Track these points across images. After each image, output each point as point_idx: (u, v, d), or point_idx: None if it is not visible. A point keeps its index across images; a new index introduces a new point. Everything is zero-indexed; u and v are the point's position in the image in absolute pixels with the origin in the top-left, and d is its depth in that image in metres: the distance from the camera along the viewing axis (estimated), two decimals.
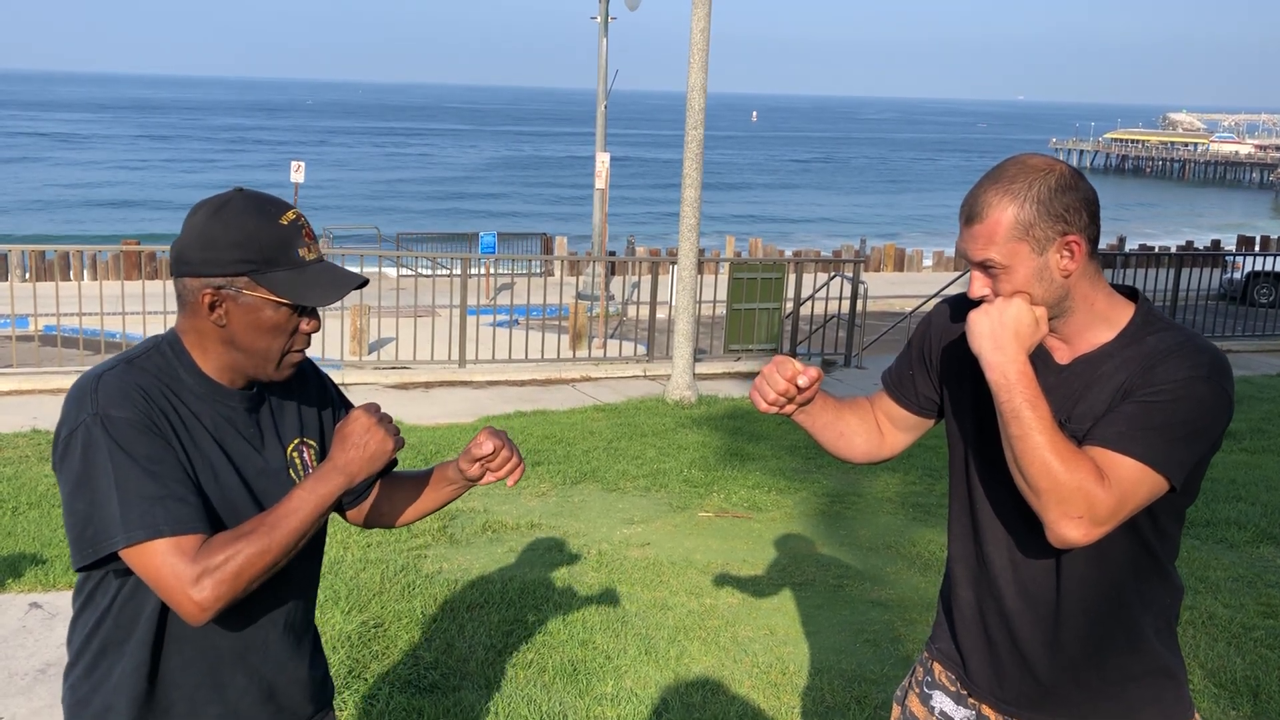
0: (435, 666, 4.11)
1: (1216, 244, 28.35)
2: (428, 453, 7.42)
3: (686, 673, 4.20)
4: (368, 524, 2.16)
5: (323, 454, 1.98)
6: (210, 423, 1.80)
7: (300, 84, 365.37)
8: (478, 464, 1.98)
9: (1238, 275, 17.37)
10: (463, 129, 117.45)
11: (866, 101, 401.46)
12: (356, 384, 10.24)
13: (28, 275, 17.41)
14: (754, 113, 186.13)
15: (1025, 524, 1.84)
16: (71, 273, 17.88)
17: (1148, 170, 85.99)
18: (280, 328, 1.78)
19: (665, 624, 4.61)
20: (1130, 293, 1.91)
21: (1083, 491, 1.69)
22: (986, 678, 1.98)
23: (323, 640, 2.14)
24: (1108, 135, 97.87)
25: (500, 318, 13.53)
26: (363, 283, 1.85)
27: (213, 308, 1.76)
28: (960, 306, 2.00)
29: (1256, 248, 26.20)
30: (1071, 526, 1.70)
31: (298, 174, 21.33)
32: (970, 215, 1.80)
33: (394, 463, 2.05)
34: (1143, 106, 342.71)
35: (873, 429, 2.16)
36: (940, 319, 2.07)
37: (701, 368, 10.94)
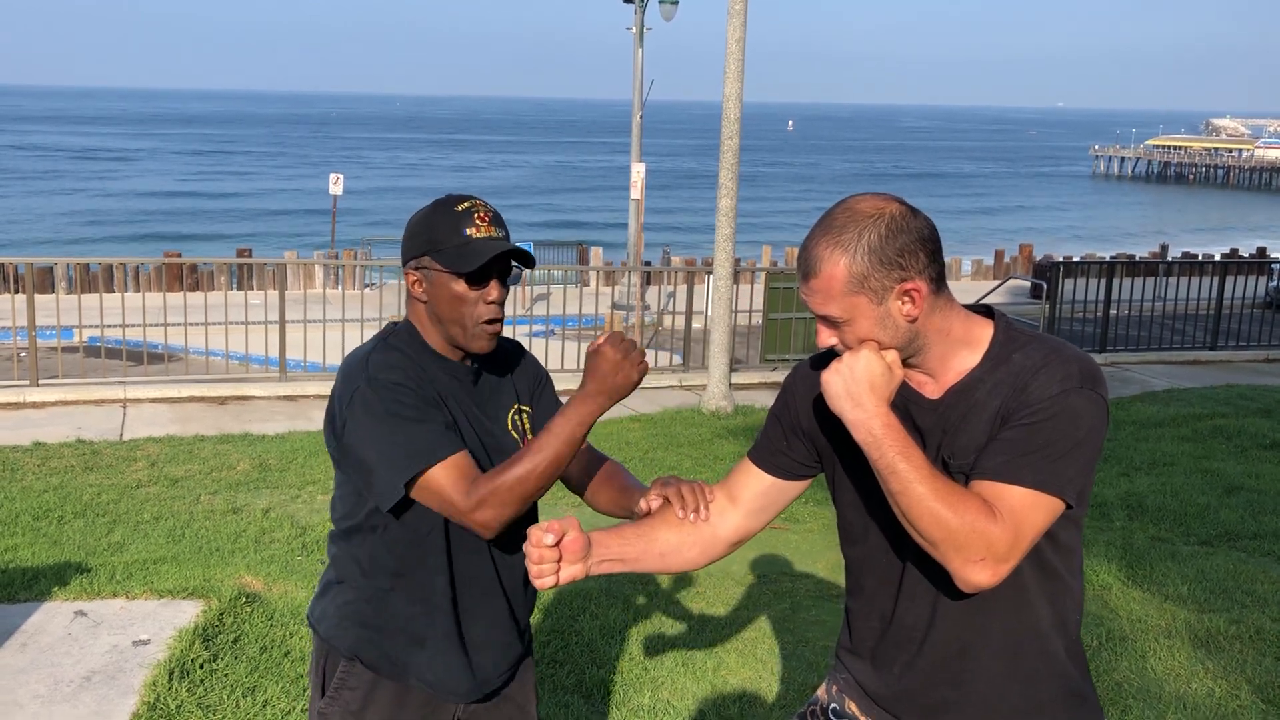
0: None
1: (1262, 251, 27.91)
2: None
3: (724, 685, 4.18)
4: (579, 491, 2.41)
5: (535, 422, 2.28)
6: (446, 389, 2.12)
7: (337, 97, 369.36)
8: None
9: None
10: (499, 140, 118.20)
11: (904, 109, 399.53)
12: None
13: (73, 287, 17.71)
14: (790, 122, 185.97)
15: (951, 584, 1.76)
16: (115, 284, 18.16)
17: (1191, 177, 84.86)
18: (460, 297, 2.06)
19: (702, 636, 4.60)
20: (987, 311, 1.86)
21: (977, 532, 1.64)
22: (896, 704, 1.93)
23: None
24: (1150, 142, 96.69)
25: (536, 328, 13.57)
26: (512, 251, 2.06)
27: (416, 286, 2.10)
28: (821, 364, 1.94)
29: None
30: (975, 570, 1.65)
31: (336, 186, 21.55)
32: (805, 271, 1.76)
33: None
34: (1185, 112, 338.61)
35: (700, 530, 2.00)
36: (802, 384, 1.98)
37: (738, 378, 10.92)
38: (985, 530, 1.64)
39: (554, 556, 1.79)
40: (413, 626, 2.14)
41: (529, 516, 2.16)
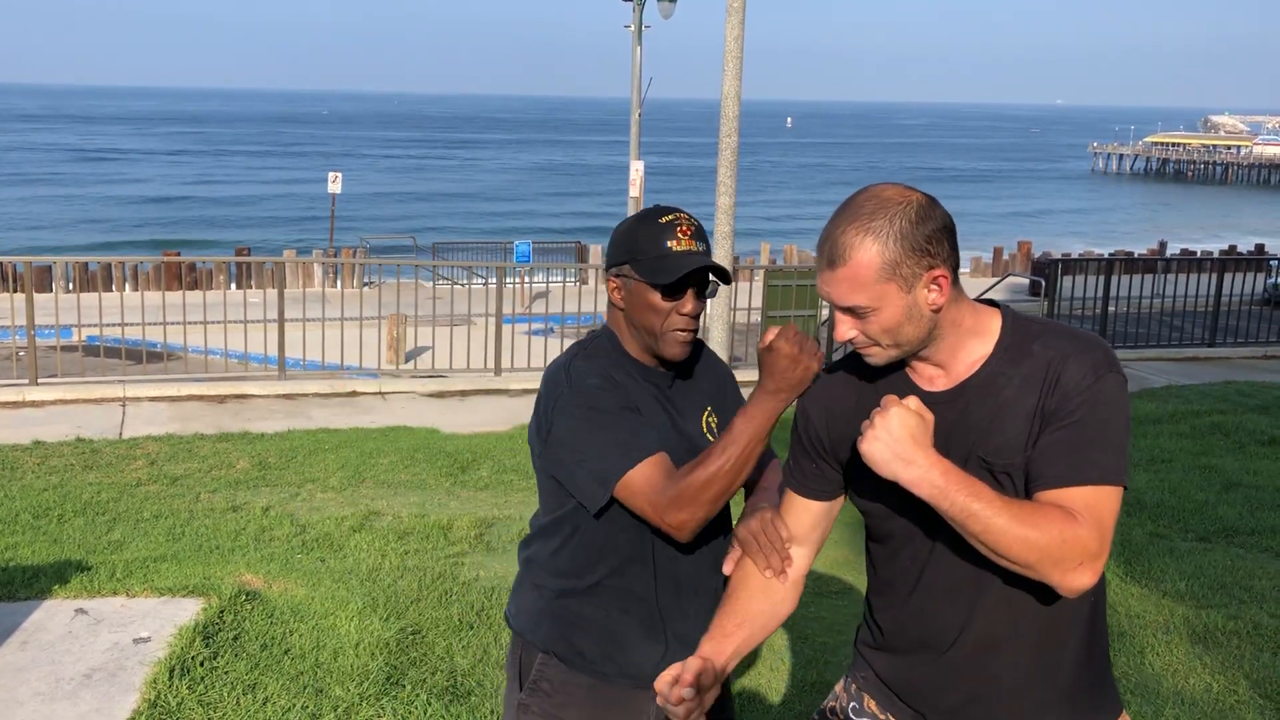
0: (471, 673, 4.13)
1: (1260, 248, 27.95)
2: (464, 460, 7.46)
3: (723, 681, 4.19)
4: None
5: (721, 423, 2.28)
6: (643, 394, 2.18)
7: (335, 95, 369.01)
8: None
9: None
10: (497, 139, 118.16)
11: (903, 107, 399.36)
12: (393, 392, 10.32)
13: (71, 286, 17.70)
14: (789, 119, 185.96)
15: (984, 581, 1.78)
16: (114, 284, 18.16)
17: (1189, 174, 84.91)
18: (655, 306, 2.12)
19: None
20: (990, 304, 1.86)
21: (1068, 542, 1.64)
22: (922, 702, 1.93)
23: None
24: (1148, 139, 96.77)
25: (535, 326, 13.58)
26: (707, 267, 2.10)
27: (615, 293, 2.17)
28: (836, 373, 1.95)
29: None
30: (1077, 576, 1.66)
31: (334, 185, 21.56)
32: (832, 258, 1.71)
33: None
34: (1184, 109, 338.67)
35: (777, 587, 2.00)
36: (814, 404, 1.97)
37: (737, 375, 10.90)
38: (1076, 536, 1.64)
39: (695, 698, 1.83)
40: (611, 623, 2.17)
41: (723, 517, 2.20)
